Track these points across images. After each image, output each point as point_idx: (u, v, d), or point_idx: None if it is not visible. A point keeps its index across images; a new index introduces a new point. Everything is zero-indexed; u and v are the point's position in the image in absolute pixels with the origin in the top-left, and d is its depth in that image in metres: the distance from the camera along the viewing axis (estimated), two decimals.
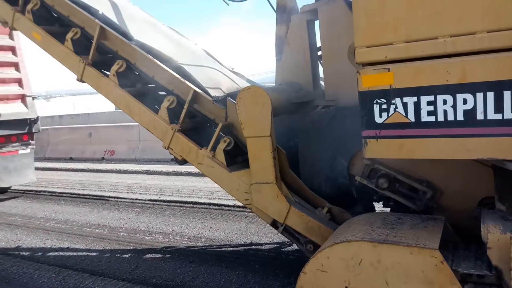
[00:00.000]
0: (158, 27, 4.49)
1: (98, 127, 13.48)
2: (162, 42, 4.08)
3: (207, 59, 4.41)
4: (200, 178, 9.18)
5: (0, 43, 8.19)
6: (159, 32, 4.38)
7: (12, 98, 8.25)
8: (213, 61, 4.41)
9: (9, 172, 8.24)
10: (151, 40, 3.95)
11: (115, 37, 3.85)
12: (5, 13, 4.31)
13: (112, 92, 3.91)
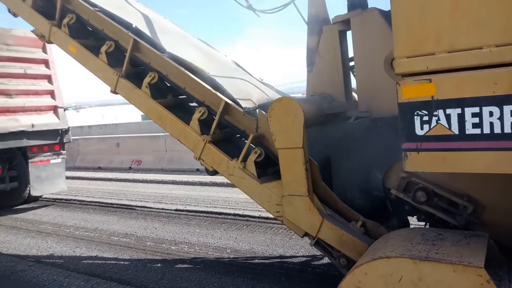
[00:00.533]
0: (189, 39, 4.52)
1: (126, 137, 13.69)
2: (193, 54, 4.09)
3: (238, 71, 4.40)
4: (225, 189, 9.17)
5: (34, 56, 8.42)
6: (190, 44, 4.41)
7: (44, 110, 8.44)
8: (243, 73, 4.40)
9: (41, 181, 8.40)
10: (183, 52, 3.97)
11: (148, 49, 3.88)
12: (42, 27, 4.41)
13: (144, 103, 3.93)
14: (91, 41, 4.33)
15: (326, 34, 3.59)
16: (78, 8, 4.25)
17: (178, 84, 3.91)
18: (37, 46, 8.45)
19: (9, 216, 8.03)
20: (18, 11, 4.67)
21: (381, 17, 3.17)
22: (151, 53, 3.90)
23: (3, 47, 7.95)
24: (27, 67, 8.23)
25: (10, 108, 7.87)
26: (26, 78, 8.20)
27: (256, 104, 3.74)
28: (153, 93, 3.93)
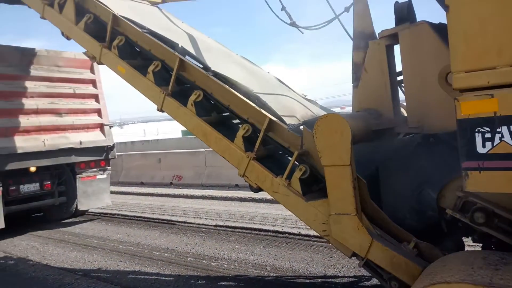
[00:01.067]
0: (232, 57, 4.55)
1: (167, 153, 13.93)
2: (237, 71, 4.10)
3: (281, 87, 4.37)
4: (264, 205, 9.10)
5: (83, 77, 8.78)
6: (234, 62, 4.43)
7: (92, 127, 8.74)
8: (286, 89, 4.37)
9: (88, 195, 8.65)
10: (227, 70, 3.99)
11: (193, 68, 3.93)
12: (93, 48, 4.58)
13: (190, 121, 3.96)
14: (138, 61, 4.44)
15: (372, 48, 3.50)
16: (127, 30, 4.38)
17: (222, 102, 3.91)
18: (85, 67, 8.82)
19: (58, 230, 8.30)
20: (71, 34, 4.87)
21: (432, 31, 3.05)
22: (196, 71, 3.94)
23: (54, 69, 8.35)
24: (76, 87, 8.59)
25: (60, 126, 8.21)
26: (75, 97, 8.55)
27: (300, 121, 3.68)
28: (198, 110, 3.96)
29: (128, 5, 4.95)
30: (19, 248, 7.20)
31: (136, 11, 4.78)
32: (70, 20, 4.78)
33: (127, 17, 4.39)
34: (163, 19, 5.07)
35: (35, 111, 7.90)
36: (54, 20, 5.06)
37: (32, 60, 8.03)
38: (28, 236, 7.94)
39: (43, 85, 8.11)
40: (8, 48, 8.01)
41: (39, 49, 8.30)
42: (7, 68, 7.68)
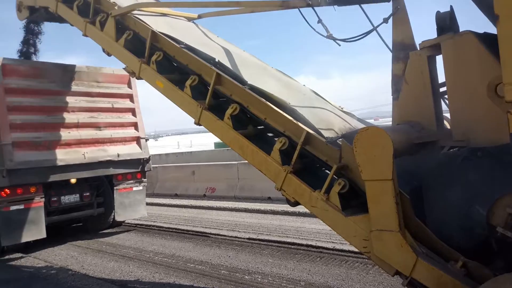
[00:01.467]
0: (268, 70, 4.53)
1: (201, 165, 14.04)
2: (273, 85, 4.07)
3: (318, 100, 4.30)
4: (297, 218, 8.96)
5: (120, 91, 8.99)
6: (270, 75, 4.41)
7: (129, 140, 8.91)
8: (323, 102, 4.29)
9: (125, 207, 8.77)
10: (263, 83, 3.97)
11: (230, 82, 3.93)
12: (133, 64, 4.67)
13: (226, 134, 3.95)
14: (176, 76, 4.49)
15: (413, 59, 3.38)
16: (165, 46, 4.45)
17: (259, 115, 3.88)
18: (123, 82, 9.04)
19: (96, 240, 8.45)
20: (111, 51, 5.00)
21: (478, 41, 2.91)
22: (233, 85, 3.93)
23: (94, 84, 8.60)
24: (114, 102, 8.80)
25: (99, 140, 8.41)
26: (113, 111, 8.75)
27: (338, 134, 3.59)
28: (234, 124, 3.95)
29: (165, 21, 5.05)
30: (59, 257, 7.37)
31: (173, 27, 4.87)
32: (110, 37, 4.91)
33: (165, 33, 4.46)
34: (200, 34, 5.14)
35: (76, 125, 8.13)
36: (96, 37, 5.22)
37: (74, 76, 8.30)
38: (68, 246, 8.12)
39: (83, 100, 8.35)
40: (51, 65, 8.34)
41: (80, 65, 8.57)
42: (51, 84, 7.97)
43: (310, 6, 3.75)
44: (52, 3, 6.24)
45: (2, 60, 7.30)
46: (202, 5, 4.60)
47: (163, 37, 4.41)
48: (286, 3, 3.86)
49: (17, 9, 7.89)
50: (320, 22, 3.75)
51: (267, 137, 4.12)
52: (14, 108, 7.35)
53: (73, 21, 5.74)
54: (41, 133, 7.64)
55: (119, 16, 4.88)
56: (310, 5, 3.74)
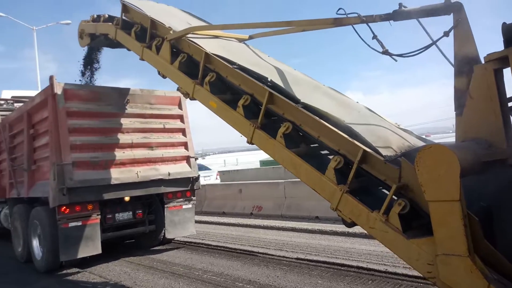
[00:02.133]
0: (321, 88, 4.44)
1: (248, 183, 13.97)
2: (327, 102, 3.97)
3: (373, 117, 4.14)
4: (346, 238, 8.64)
5: (171, 112, 9.19)
6: (323, 93, 4.32)
7: (179, 160, 9.05)
8: (379, 119, 4.13)
9: (175, 224, 8.85)
10: (316, 101, 3.88)
11: (282, 101, 3.88)
12: (186, 85, 4.75)
13: (279, 153, 3.88)
14: (228, 96, 4.50)
15: (478, 73, 3.17)
16: (218, 67, 4.49)
17: (312, 133, 3.79)
18: (174, 103, 9.26)
19: (147, 256, 8.56)
20: (166, 73, 5.12)
21: None
22: (285, 104, 3.88)
23: (147, 106, 8.85)
24: (166, 122, 9.00)
25: (152, 159, 8.59)
26: (164, 132, 8.94)
27: (397, 152, 3.41)
28: (287, 142, 3.87)
29: (218, 43, 5.12)
30: (113, 273, 7.51)
31: (225, 48, 4.92)
32: (166, 60, 5.04)
33: (218, 54, 4.51)
34: (251, 55, 5.16)
35: (130, 145, 8.37)
36: (152, 61, 5.38)
37: (128, 99, 8.59)
38: (121, 262, 8.27)
39: (137, 121, 8.60)
40: (108, 89, 8.69)
41: (134, 88, 8.88)
42: (108, 107, 8.28)
43: (364, 22, 3.65)
44: (111, 30, 6.54)
45: (64, 85, 7.67)
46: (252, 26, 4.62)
47: (216, 59, 4.46)
48: (339, 21, 3.78)
49: (79, 37, 8.34)
50: (375, 38, 3.63)
51: (320, 156, 4.00)
52: (74, 130, 7.66)
53: (131, 46, 5.96)
54: (98, 153, 7.89)
55: (174, 39, 5.01)
56: (364, 22, 3.64)
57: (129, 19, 6.24)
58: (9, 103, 11.11)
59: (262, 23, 4.43)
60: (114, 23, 6.66)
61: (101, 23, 7.20)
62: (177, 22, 5.42)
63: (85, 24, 7.92)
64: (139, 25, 5.84)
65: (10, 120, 9.61)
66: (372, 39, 3.63)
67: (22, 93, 11.95)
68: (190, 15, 6.65)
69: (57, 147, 7.43)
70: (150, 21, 5.45)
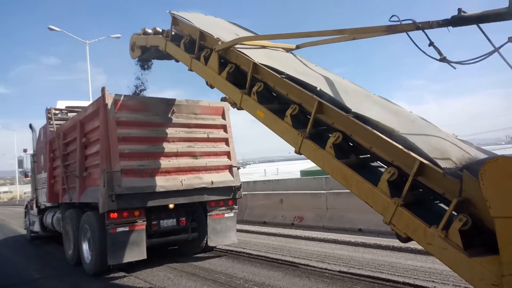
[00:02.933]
0: (371, 97, 4.28)
1: (289, 194, 13.69)
2: (379, 112, 3.80)
3: (429, 127, 3.92)
4: (391, 253, 8.26)
5: (215, 122, 9.24)
6: (374, 102, 4.15)
7: (222, 169, 9.05)
8: (436, 129, 3.90)
9: (217, 232, 8.83)
10: (367, 110, 3.72)
11: (332, 110, 3.75)
12: (234, 95, 4.72)
13: (328, 163, 3.74)
14: (275, 106, 4.43)
15: None
16: (265, 76, 4.44)
17: (363, 144, 3.63)
18: (217, 113, 9.31)
19: (190, 263, 8.57)
20: (214, 83, 5.13)
21: None
22: (335, 113, 3.74)
23: (192, 116, 8.95)
24: (210, 132, 9.05)
25: (195, 168, 8.64)
26: (208, 141, 8.99)
27: (457, 164, 3.18)
28: (336, 153, 3.72)
29: (265, 53, 5.08)
30: (157, 278, 7.56)
31: (273, 58, 4.87)
32: (214, 71, 5.05)
33: (266, 64, 4.45)
34: (299, 64, 5.08)
35: (175, 154, 8.46)
36: (200, 71, 5.41)
37: (174, 109, 8.72)
38: (165, 268, 8.32)
39: (182, 131, 8.70)
40: (155, 100, 8.86)
41: (180, 99, 9.01)
42: (155, 117, 8.44)
43: (420, 29, 3.47)
44: (161, 42, 6.68)
45: (114, 96, 7.90)
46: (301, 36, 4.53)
47: (264, 68, 4.41)
48: (392, 28, 3.62)
49: (130, 49, 8.60)
50: (432, 45, 3.44)
51: (371, 167, 3.82)
52: (123, 139, 7.83)
53: (180, 57, 6.05)
54: (145, 161, 8.02)
55: (222, 50, 5.02)
56: (420, 28, 3.46)
57: (178, 31, 6.35)
58: (63, 113, 11.60)
59: (312, 32, 4.31)
60: (164, 36, 6.80)
61: (152, 35, 7.39)
62: (225, 33, 5.44)
63: (137, 37, 8.16)
64: (188, 36, 5.92)
65: (64, 129, 10.02)
66: (429, 46, 3.44)
67: (75, 103, 12.45)
68: (237, 26, 6.68)
69: (107, 155, 7.61)
70: (199, 33, 5.51)
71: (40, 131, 12.53)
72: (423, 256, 7.71)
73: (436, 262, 7.21)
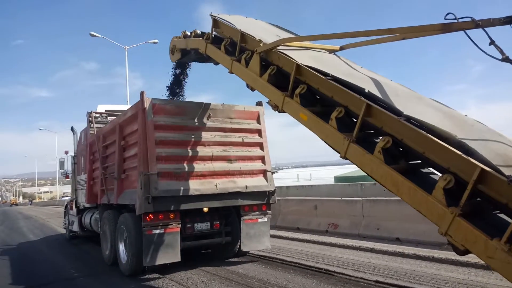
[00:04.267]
0: (423, 100, 4.01)
1: (323, 200, 13.30)
2: (432, 115, 3.54)
3: (489, 132, 3.62)
4: (431, 264, 7.82)
5: (250, 127, 9.11)
6: (426, 105, 3.88)
7: (256, 173, 8.90)
8: (497, 134, 3.59)
9: (250, 237, 8.67)
10: (420, 113, 3.47)
11: (382, 113, 3.52)
12: (276, 98, 4.57)
13: (377, 169, 3.51)
14: (318, 108, 4.24)
15: None
16: (309, 78, 4.26)
17: (416, 149, 3.37)
18: (252, 118, 9.19)
19: (223, 268, 8.44)
20: (255, 85, 4.99)
21: None
22: (385, 116, 3.51)
23: (227, 120, 8.86)
24: (244, 136, 8.93)
25: (230, 172, 8.54)
26: (243, 145, 8.86)
27: None
28: (385, 158, 3.48)
29: (308, 54, 4.91)
30: (190, 281, 7.48)
31: (316, 59, 4.68)
32: (255, 73, 4.92)
33: (310, 65, 4.27)
34: (343, 66, 4.87)
35: (211, 157, 8.39)
36: (241, 74, 5.29)
37: (210, 113, 8.67)
38: (198, 271, 8.23)
39: (217, 135, 8.63)
40: (192, 104, 8.84)
41: (215, 103, 8.95)
42: (191, 121, 8.41)
43: (479, 27, 3.20)
44: (202, 45, 6.62)
45: (152, 100, 7.93)
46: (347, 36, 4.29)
47: (308, 70, 4.23)
48: (448, 26, 3.37)
49: (170, 52, 8.63)
50: (493, 44, 3.16)
51: (422, 173, 3.55)
52: (160, 142, 7.84)
53: (220, 59, 5.96)
54: (181, 165, 8.00)
55: (264, 52, 4.88)
56: (480, 26, 3.19)
57: (219, 33, 6.27)
58: (103, 116, 11.80)
59: (359, 32, 4.10)
60: (204, 38, 6.75)
61: (192, 38, 7.35)
62: (266, 35, 5.30)
63: (177, 40, 8.16)
64: (228, 39, 5.83)
65: (104, 132, 10.18)
66: (489, 45, 3.16)
67: (115, 107, 12.66)
68: (278, 28, 6.53)
69: (144, 158, 7.63)
70: (240, 35, 5.40)
71: (81, 134, 12.82)
72: (465, 268, 7.28)
73: (479, 275, 6.76)
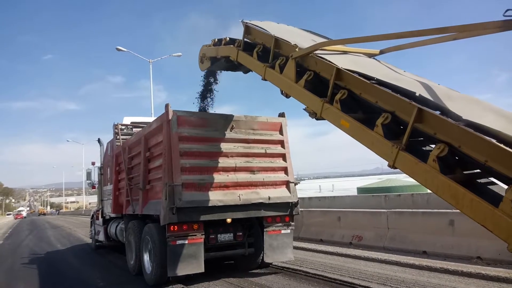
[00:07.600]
0: (481, 103, 3.53)
1: (347, 211, 12.63)
2: (495, 120, 3.07)
3: None
4: (460, 278, 7.19)
5: (273, 138, 8.73)
6: (485, 109, 3.41)
7: (279, 184, 8.49)
8: None
9: (273, 249, 8.25)
10: (480, 118, 3.00)
11: (436, 118, 3.06)
12: (314, 104, 4.14)
13: (432, 179, 3.03)
14: (359, 115, 3.79)
15: None
16: (350, 83, 3.83)
17: (476, 157, 2.89)
18: (275, 129, 8.82)
19: (246, 279, 7.97)
20: (290, 92, 4.58)
21: None
22: (440, 122, 3.05)
23: (250, 131, 8.50)
24: (267, 147, 8.56)
25: (253, 183, 8.15)
26: (266, 157, 8.49)
27: None
28: (441, 167, 3.00)
29: (348, 59, 4.49)
30: None
31: (357, 63, 4.26)
32: (290, 79, 4.51)
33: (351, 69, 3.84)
34: (386, 69, 4.43)
35: (234, 168, 8.03)
36: (275, 80, 4.89)
37: (233, 125, 8.32)
38: (221, 282, 7.80)
39: (240, 146, 8.28)
40: (215, 116, 8.53)
41: (238, 115, 8.61)
42: (214, 132, 8.09)
43: None
44: (233, 52, 6.26)
45: (177, 112, 7.67)
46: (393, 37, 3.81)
47: (349, 74, 3.80)
48: (509, 24, 2.91)
49: (199, 61, 8.32)
50: None
51: (481, 184, 3.06)
52: (184, 154, 7.56)
53: (253, 66, 5.58)
54: (205, 176, 7.68)
55: (299, 57, 4.48)
56: None
57: (251, 40, 5.90)
58: (129, 128, 11.57)
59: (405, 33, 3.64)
60: (235, 45, 6.39)
61: (223, 46, 7.00)
62: (301, 40, 4.91)
63: (207, 48, 7.83)
64: (261, 45, 5.45)
65: (130, 143, 9.90)
66: None
67: (140, 119, 12.43)
68: (312, 33, 6.11)
69: (169, 169, 7.35)
70: (274, 40, 5.01)
71: (107, 145, 12.60)
72: (495, 283, 6.66)
73: None
